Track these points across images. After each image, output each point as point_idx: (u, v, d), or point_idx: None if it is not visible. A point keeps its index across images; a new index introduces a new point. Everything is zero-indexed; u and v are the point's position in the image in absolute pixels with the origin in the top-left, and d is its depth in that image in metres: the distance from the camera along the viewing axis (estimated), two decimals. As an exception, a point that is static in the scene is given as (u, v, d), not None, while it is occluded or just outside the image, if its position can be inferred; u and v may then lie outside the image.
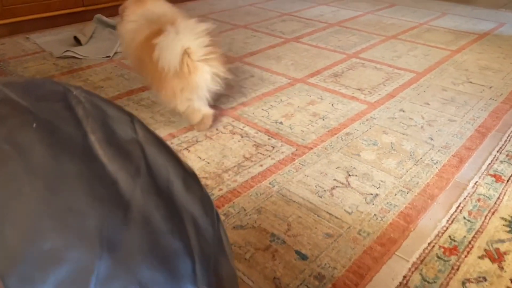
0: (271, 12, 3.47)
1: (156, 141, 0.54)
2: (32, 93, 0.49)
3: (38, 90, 0.51)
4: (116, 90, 2.05)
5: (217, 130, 1.71)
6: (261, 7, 3.63)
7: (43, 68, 2.29)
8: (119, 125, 0.51)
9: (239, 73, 2.25)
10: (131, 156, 0.48)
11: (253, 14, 3.42)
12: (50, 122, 0.46)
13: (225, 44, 2.68)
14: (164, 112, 1.84)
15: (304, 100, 1.95)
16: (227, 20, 3.23)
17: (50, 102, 0.49)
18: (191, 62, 1.52)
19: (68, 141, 0.45)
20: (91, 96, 0.53)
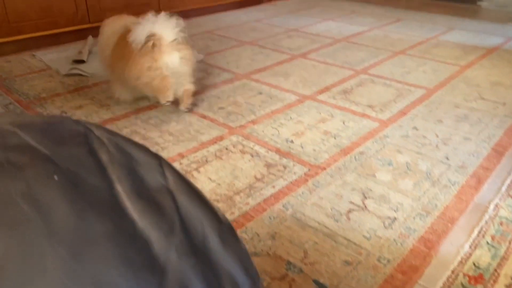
0: (276, 28, 3.44)
1: (187, 188, 0.48)
2: (51, 136, 0.44)
3: (57, 132, 0.45)
4: (123, 108, 2.00)
5: (227, 150, 1.66)
6: (266, 23, 3.59)
7: (49, 86, 2.25)
8: (147, 171, 0.46)
9: (247, 90, 2.20)
10: (163, 209, 0.42)
11: (259, 30, 3.38)
12: (73, 172, 0.40)
13: (231, 61, 2.64)
14: (173, 131, 1.79)
15: (314, 118, 1.90)
16: (233, 36, 3.20)
17: (71, 146, 0.43)
18: (159, 47, 1.78)
19: (93, 194, 0.40)
20: (114, 136, 0.48)
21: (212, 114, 1.95)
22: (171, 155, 1.63)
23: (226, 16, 3.81)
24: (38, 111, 1.96)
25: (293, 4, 4.37)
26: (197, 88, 2.20)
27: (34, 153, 0.41)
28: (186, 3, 3.63)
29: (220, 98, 2.12)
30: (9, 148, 0.41)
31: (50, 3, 2.84)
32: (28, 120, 0.46)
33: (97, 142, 0.45)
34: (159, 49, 1.78)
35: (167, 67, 1.80)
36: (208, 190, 1.42)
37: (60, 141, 0.43)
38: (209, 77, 2.37)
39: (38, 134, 0.43)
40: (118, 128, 1.82)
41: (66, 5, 2.91)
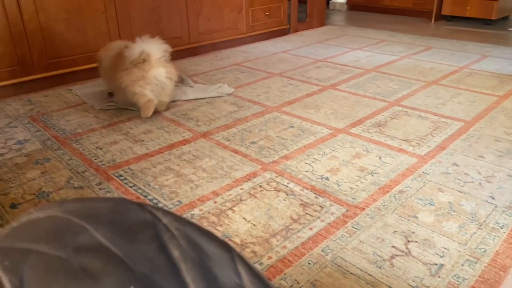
0: (304, 59, 3.40)
1: (261, 285, 0.43)
2: (121, 231, 0.40)
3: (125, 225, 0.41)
4: (157, 144, 1.97)
5: (261, 187, 1.59)
6: (293, 54, 3.56)
7: (84, 121, 2.24)
8: (220, 269, 0.41)
9: (278, 123, 2.15)
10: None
11: (287, 61, 3.35)
12: (148, 277, 0.36)
13: (261, 94, 2.60)
14: (206, 168, 1.74)
15: (349, 153, 1.83)
16: (262, 68, 3.17)
17: (142, 243, 0.39)
18: (149, 62, 2.19)
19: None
20: (183, 225, 0.44)
21: (244, 149, 1.90)
22: (205, 192, 1.57)
23: (254, 48, 3.80)
24: (75, 147, 1.94)
25: (319, 34, 4.34)
26: (228, 121, 2.16)
27: (108, 256, 0.37)
28: (215, 36, 3.64)
29: (251, 132, 2.07)
30: (82, 250, 0.37)
31: (86, 39, 2.87)
32: (94, 209, 0.42)
33: (167, 234, 0.41)
34: (149, 63, 2.19)
35: (155, 78, 2.21)
36: (244, 231, 1.36)
37: (131, 237, 0.40)
38: (240, 111, 2.33)
39: (107, 229, 0.40)
40: (152, 164, 1.78)
41: (101, 41, 2.93)
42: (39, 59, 2.72)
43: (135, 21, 3.09)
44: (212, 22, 3.57)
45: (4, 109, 2.45)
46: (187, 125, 2.17)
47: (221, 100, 2.52)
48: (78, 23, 2.81)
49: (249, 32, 3.91)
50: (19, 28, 2.60)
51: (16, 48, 2.62)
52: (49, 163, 1.83)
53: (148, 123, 2.20)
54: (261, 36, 4.05)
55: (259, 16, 3.92)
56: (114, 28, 2.98)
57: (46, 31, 2.70)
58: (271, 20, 4.06)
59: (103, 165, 1.79)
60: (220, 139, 2.01)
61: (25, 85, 2.72)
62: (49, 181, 1.69)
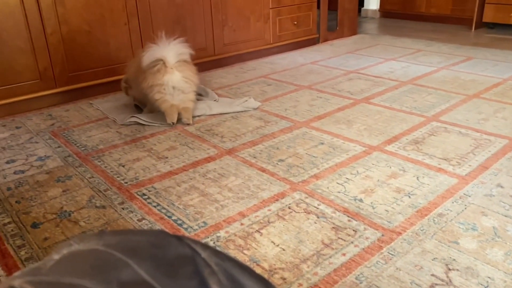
0: (335, 70, 3.41)
1: None
2: (162, 266, 0.42)
3: (166, 259, 0.44)
4: (181, 161, 2.00)
5: (290, 209, 1.60)
6: (323, 65, 3.58)
7: (106, 137, 2.29)
8: None
9: (307, 139, 2.16)
10: None
11: (316, 72, 3.36)
12: None
13: (289, 108, 2.61)
14: (232, 187, 1.76)
15: (384, 172, 1.82)
16: (290, 80, 3.19)
17: (183, 279, 0.41)
18: (164, 68, 2.31)
19: None
20: (222, 260, 0.46)
21: (272, 167, 1.91)
22: (231, 213, 1.59)
23: (282, 59, 3.82)
24: (96, 164, 1.99)
25: (350, 43, 4.34)
26: (254, 137, 2.18)
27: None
28: (240, 47, 3.68)
29: (279, 149, 2.08)
30: (126, 286, 0.39)
31: (108, 51, 2.94)
32: (134, 243, 0.45)
33: (207, 270, 0.43)
34: (164, 69, 2.32)
35: (170, 84, 2.32)
36: (272, 256, 1.36)
37: (172, 273, 0.42)
38: (267, 126, 2.35)
39: (149, 264, 0.42)
40: (176, 182, 1.81)
41: (124, 53, 3.00)
42: (60, 73, 2.80)
43: (159, 32, 3.16)
44: (237, 32, 3.62)
45: (25, 124, 2.53)
46: (212, 142, 2.19)
47: (247, 114, 2.54)
48: (100, 35, 2.89)
49: (276, 42, 3.94)
50: (41, 41, 2.69)
51: (38, 62, 2.71)
52: (71, 180, 1.88)
53: (171, 139, 2.24)
54: (288, 46, 4.08)
55: (286, 25, 3.96)
56: (137, 40, 3.05)
57: (68, 44, 2.78)
58: (299, 30, 4.09)
59: (125, 183, 1.83)
60: (246, 156, 2.02)
61: (46, 99, 2.80)
62: (70, 200, 1.73)
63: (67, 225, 1.58)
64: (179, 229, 1.52)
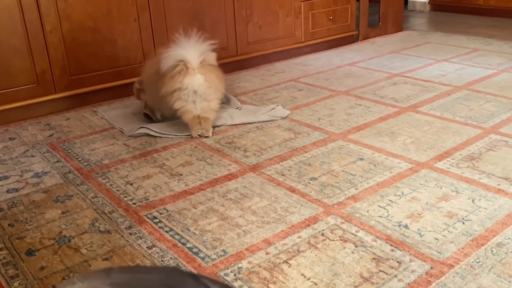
0: (377, 73, 3.41)
1: None
2: None
3: None
4: (198, 178, 2.03)
5: (323, 236, 1.61)
6: (364, 67, 3.59)
7: (112, 150, 2.34)
8: None
9: (344, 154, 2.17)
10: None
11: (355, 75, 3.38)
12: None
13: (323, 117, 2.63)
14: (256, 209, 1.78)
15: (434, 194, 1.82)
16: (324, 84, 3.21)
17: None
18: (185, 70, 2.35)
19: None
20: None
21: (303, 186, 1.93)
22: (255, 241, 1.61)
23: (315, 59, 3.85)
24: (100, 182, 2.03)
25: (395, 41, 4.35)
26: (282, 151, 2.20)
27: None
28: (267, 45, 3.72)
29: (311, 165, 2.10)
30: None
31: (115, 51, 3.00)
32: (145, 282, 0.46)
33: None
34: (185, 71, 2.34)
35: (191, 88, 2.35)
36: (302, 291, 1.38)
37: None
38: (297, 138, 2.37)
39: None
40: (192, 204, 1.84)
41: (133, 53, 3.06)
42: (60, 76, 2.86)
43: (173, 29, 3.20)
44: (264, 29, 3.66)
45: (20, 135, 2.60)
46: (234, 156, 2.22)
47: (274, 125, 2.57)
48: (106, 32, 2.95)
49: (309, 40, 3.97)
50: (39, 40, 2.75)
51: (35, 63, 2.78)
52: (71, 201, 1.92)
53: (187, 153, 2.28)
54: (323, 45, 4.10)
55: (321, 20, 3.99)
56: (148, 38, 3.11)
57: (70, 43, 2.85)
58: (335, 26, 4.11)
59: (134, 205, 1.87)
60: (272, 173, 2.04)
61: (43, 106, 2.87)
62: (70, 223, 1.77)
63: (66, 252, 1.62)
64: (195, 258, 1.55)
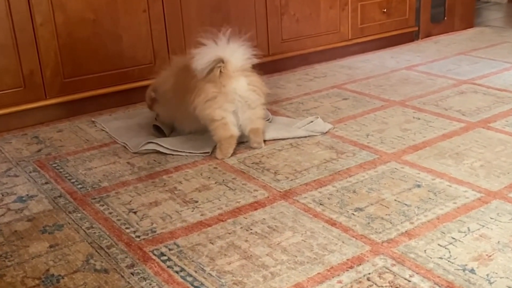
0: (440, 79, 3.41)
1: None
2: None
3: None
4: (217, 207, 2.04)
5: (369, 281, 1.62)
6: (424, 71, 3.59)
7: (113, 170, 2.38)
8: None
9: (397, 180, 2.18)
10: None
11: (413, 82, 3.38)
12: None
13: (373, 133, 2.64)
14: (287, 246, 1.79)
15: (508, 231, 1.82)
16: (375, 92, 3.21)
17: None
18: (227, 72, 2.34)
19: None
20: None
21: (346, 219, 1.93)
22: (285, 285, 1.62)
23: (364, 61, 3.86)
24: (98, 209, 2.07)
25: (464, 40, 4.34)
26: (321, 174, 2.21)
27: None
28: (305, 44, 3.73)
29: (356, 192, 2.11)
30: None
31: (119, 49, 3.05)
32: None
33: None
34: (226, 74, 2.35)
35: (235, 93, 2.37)
36: None
37: None
38: (340, 159, 2.38)
39: None
40: (209, 238, 1.85)
41: (141, 51, 3.10)
42: (52, 78, 2.90)
43: (191, 23, 3.23)
44: (302, 23, 3.67)
45: (1, 149, 2.65)
46: (261, 180, 2.24)
47: (312, 141, 2.59)
48: (109, 26, 2.99)
49: (357, 37, 3.97)
50: (28, 34, 2.80)
51: (22, 62, 2.81)
52: (61, 231, 1.95)
53: (204, 174, 2.30)
54: (374, 44, 4.10)
55: (372, 14, 3.99)
56: (160, 33, 3.14)
57: (64, 38, 2.89)
58: (390, 20, 4.11)
59: (137, 238, 1.89)
60: (308, 202, 2.05)
61: (31, 114, 2.90)
62: (60, 259, 1.79)
63: (56, 294, 1.65)
64: (212, 303, 1.56)
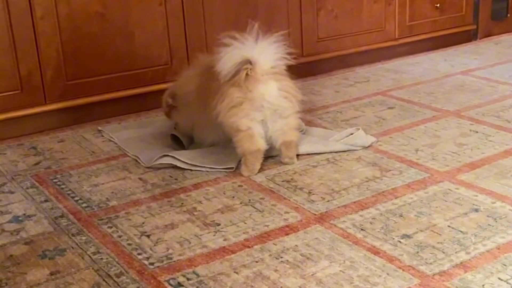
0: (502, 86, 3.40)
1: None
2: None
3: None
4: (242, 231, 2.04)
5: (418, 321, 1.63)
6: (483, 77, 3.58)
7: (123, 187, 2.40)
8: None
9: (451, 203, 2.17)
10: None
11: (470, 89, 3.37)
12: None
13: (424, 148, 2.63)
14: (323, 277, 1.79)
15: None
16: (425, 101, 3.21)
17: None
18: (254, 75, 2.34)
19: None
20: None
21: (391, 247, 1.93)
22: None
23: (413, 65, 3.85)
24: (105, 232, 2.07)
25: (533, 40, 4.32)
26: (362, 195, 2.21)
27: None
28: (345, 43, 3.74)
29: (403, 217, 2.10)
30: None
31: (131, 47, 3.07)
32: None
33: None
34: (254, 77, 2.35)
35: (264, 99, 2.37)
36: None
37: None
38: (384, 177, 2.38)
39: None
40: (232, 266, 1.85)
41: (156, 50, 3.13)
42: (53, 79, 2.94)
43: (214, 17, 3.25)
44: (341, 20, 3.68)
45: (-5, 162, 2.68)
46: (293, 200, 2.24)
47: (352, 156, 2.60)
48: (119, 20, 3.02)
49: (404, 36, 3.97)
50: (26, 29, 2.83)
51: (19, 61, 2.84)
52: (64, 257, 1.96)
53: (227, 193, 2.32)
54: (425, 44, 4.10)
55: (423, 9, 3.98)
56: (178, 29, 3.18)
57: (68, 34, 2.92)
58: (444, 17, 4.10)
59: (151, 265, 1.89)
60: (348, 227, 2.05)
61: (28, 122, 2.94)
62: (62, 289, 1.81)
63: (56, 329, 1.67)
64: None
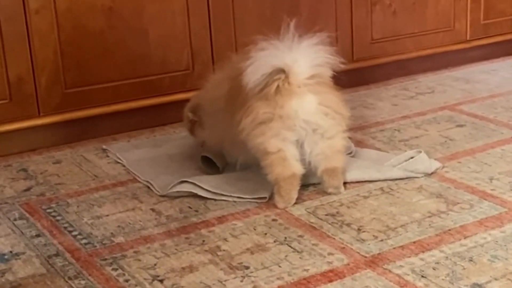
0: None
1: None
2: None
3: None
4: (276, 276, 2.03)
5: None
6: None
7: (132, 220, 2.42)
8: None
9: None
10: None
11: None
12: None
13: (499, 175, 2.63)
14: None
15: None
16: (502, 117, 3.22)
17: None
18: (288, 86, 2.33)
19: None
20: None
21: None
22: None
23: (489, 72, 3.86)
24: (109, 275, 2.09)
25: None
26: (425, 233, 2.21)
27: None
28: (404, 46, 3.75)
29: (474, 261, 2.08)
30: None
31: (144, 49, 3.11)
32: None
33: None
34: (287, 89, 2.34)
35: (297, 116, 2.37)
36: None
37: None
38: (451, 211, 2.38)
39: None
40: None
41: (174, 53, 3.16)
42: (49, 87, 2.99)
43: (245, 14, 3.29)
44: (401, 17, 3.69)
45: (-22, 186, 2.72)
46: (339, 239, 2.26)
47: (411, 186, 2.61)
48: (130, 16, 3.07)
49: (478, 38, 3.98)
50: (18, 25, 2.89)
51: (8, 64, 2.89)
52: None
53: (258, 229, 2.33)
54: (503, 47, 4.10)
55: (501, 5, 3.98)
56: (201, 28, 3.22)
57: (68, 32, 2.97)
58: (527, 15, 4.10)
59: (165, 316, 1.93)
60: (405, 272, 2.05)
61: (18, 138, 2.99)
62: None
63: None
64: None
